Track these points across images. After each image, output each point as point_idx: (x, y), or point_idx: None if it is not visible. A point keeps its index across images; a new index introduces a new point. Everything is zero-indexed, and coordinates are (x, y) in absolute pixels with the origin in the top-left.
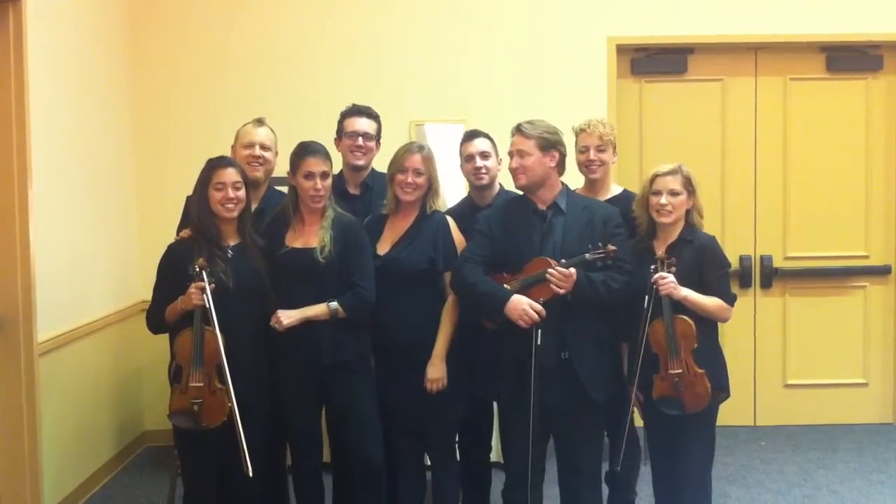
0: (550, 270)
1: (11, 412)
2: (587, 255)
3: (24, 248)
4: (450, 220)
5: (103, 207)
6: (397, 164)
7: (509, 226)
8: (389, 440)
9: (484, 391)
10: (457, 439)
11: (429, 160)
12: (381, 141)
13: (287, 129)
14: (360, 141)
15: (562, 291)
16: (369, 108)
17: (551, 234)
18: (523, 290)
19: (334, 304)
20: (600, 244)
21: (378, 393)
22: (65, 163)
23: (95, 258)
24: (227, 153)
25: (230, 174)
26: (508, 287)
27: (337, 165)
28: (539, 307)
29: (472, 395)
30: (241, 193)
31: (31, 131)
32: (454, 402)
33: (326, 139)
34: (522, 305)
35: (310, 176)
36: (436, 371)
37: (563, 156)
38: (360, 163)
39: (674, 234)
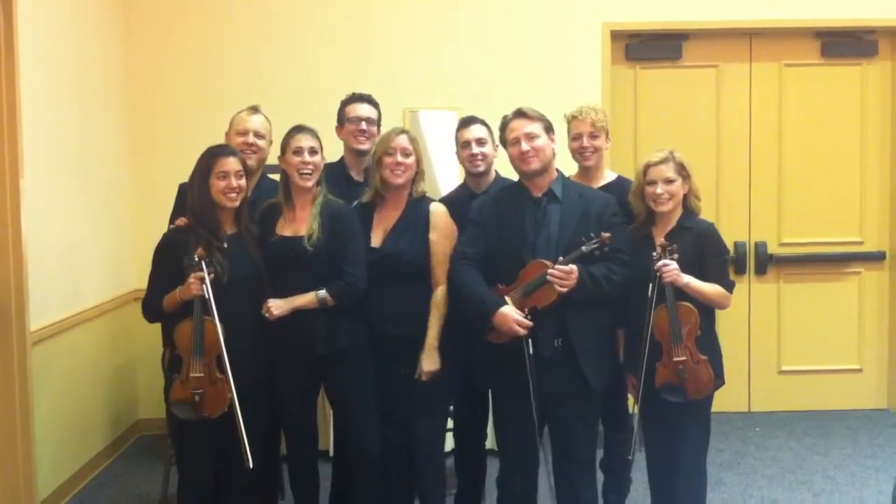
0: (551, 271)
1: (4, 401)
2: (584, 249)
3: (16, 236)
4: (442, 207)
5: (97, 195)
6: (383, 145)
7: (503, 213)
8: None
9: (480, 380)
10: (451, 426)
11: (415, 141)
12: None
13: (281, 117)
14: (364, 125)
15: (566, 290)
16: (370, 95)
17: (546, 221)
18: (526, 298)
19: (322, 293)
20: (593, 234)
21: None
22: (58, 151)
23: (89, 246)
24: (222, 141)
25: (232, 163)
26: (510, 298)
27: (336, 153)
28: (526, 322)
29: (464, 387)
30: (243, 182)
31: (23, 119)
32: (445, 395)
33: (320, 126)
34: (509, 323)
35: (298, 151)
36: (430, 363)
37: None
38: (365, 147)
39: (672, 221)
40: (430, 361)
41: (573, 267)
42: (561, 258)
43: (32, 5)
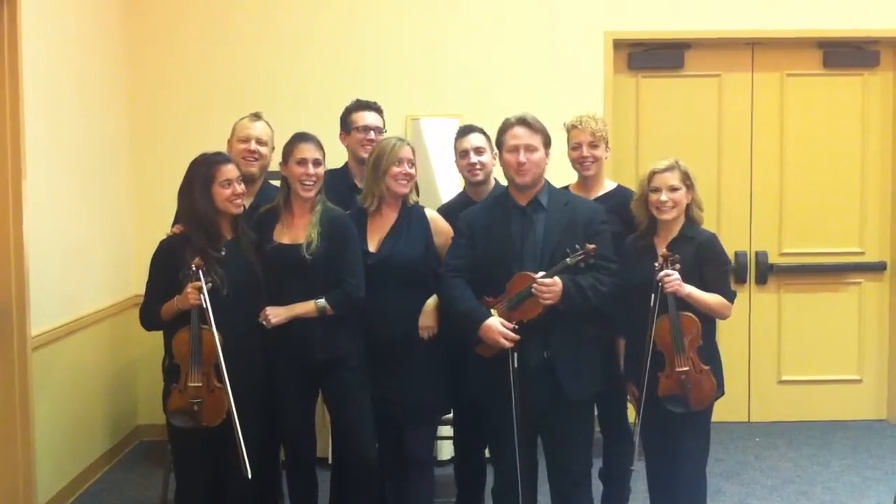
0: (535, 284)
1: (5, 406)
2: (568, 261)
3: (17, 241)
4: (436, 213)
5: (98, 200)
6: (392, 157)
7: (490, 223)
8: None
9: (471, 393)
10: (452, 435)
11: (414, 151)
12: None
13: (282, 124)
14: (373, 135)
15: (550, 302)
16: (375, 102)
17: (532, 230)
18: (512, 311)
19: (322, 302)
20: (578, 246)
21: None
22: (60, 155)
23: (90, 251)
24: (223, 147)
25: (233, 170)
26: (495, 311)
27: (338, 160)
28: (512, 335)
29: (465, 396)
30: (244, 187)
31: (25, 123)
32: (437, 402)
33: (321, 133)
34: (494, 335)
35: (302, 162)
36: (427, 319)
37: None
38: None
39: (675, 230)
40: (427, 318)
41: (556, 279)
42: (543, 272)
43: (36, 8)
